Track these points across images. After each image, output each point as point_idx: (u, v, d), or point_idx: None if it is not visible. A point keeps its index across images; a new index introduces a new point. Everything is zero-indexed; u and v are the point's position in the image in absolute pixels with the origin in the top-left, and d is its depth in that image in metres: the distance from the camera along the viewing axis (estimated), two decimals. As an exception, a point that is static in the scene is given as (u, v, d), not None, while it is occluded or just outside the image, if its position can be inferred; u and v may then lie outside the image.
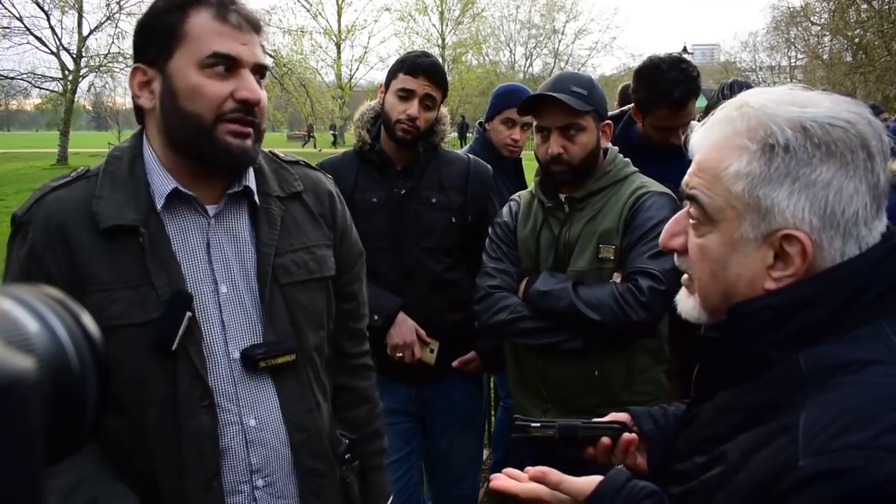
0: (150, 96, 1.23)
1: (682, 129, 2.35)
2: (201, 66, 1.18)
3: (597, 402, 1.91)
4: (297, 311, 1.31)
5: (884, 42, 29.75)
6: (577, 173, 1.92)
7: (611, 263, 1.88)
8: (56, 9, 27.55)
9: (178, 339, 1.18)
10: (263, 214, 1.30)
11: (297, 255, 1.32)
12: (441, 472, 2.52)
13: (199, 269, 1.25)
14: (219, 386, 1.24)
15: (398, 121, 2.17)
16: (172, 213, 1.25)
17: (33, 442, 0.38)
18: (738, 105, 0.86)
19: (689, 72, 2.35)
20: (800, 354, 0.79)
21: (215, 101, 1.19)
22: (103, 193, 1.21)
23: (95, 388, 0.47)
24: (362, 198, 2.24)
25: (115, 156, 1.27)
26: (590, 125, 1.90)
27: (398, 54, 4.20)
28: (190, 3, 1.19)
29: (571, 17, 45.47)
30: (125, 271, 1.18)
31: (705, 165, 0.87)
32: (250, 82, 1.21)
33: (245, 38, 1.21)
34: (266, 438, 1.28)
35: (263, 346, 1.26)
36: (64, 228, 1.19)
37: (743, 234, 0.83)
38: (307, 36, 35.38)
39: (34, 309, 0.45)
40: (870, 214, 0.80)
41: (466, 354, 2.33)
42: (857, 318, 0.79)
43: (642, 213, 1.87)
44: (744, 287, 0.85)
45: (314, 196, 1.41)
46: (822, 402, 0.74)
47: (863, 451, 0.68)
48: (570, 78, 1.95)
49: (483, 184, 2.35)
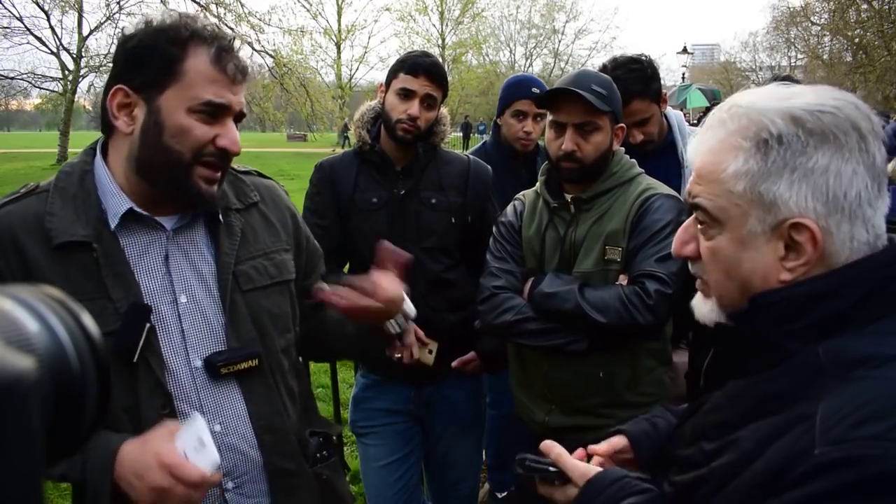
0: (128, 121, 1.23)
1: (636, 126, 2.35)
2: (191, 109, 1.21)
3: (600, 403, 1.91)
4: (262, 315, 1.34)
5: (884, 42, 29.74)
6: (587, 173, 1.91)
7: (617, 265, 1.87)
8: (56, 9, 27.54)
9: (139, 350, 1.20)
10: (223, 227, 1.33)
11: (257, 261, 1.36)
12: (441, 473, 2.52)
13: (157, 280, 1.27)
14: (181, 394, 1.27)
15: (399, 121, 2.17)
16: (127, 229, 1.27)
17: (33, 442, 0.38)
18: (728, 107, 0.88)
19: (635, 71, 2.32)
20: (818, 346, 0.80)
21: (198, 143, 1.22)
22: (54, 210, 1.23)
23: (95, 388, 0.47)
24: (362, 198, 2.23)
25: (66, 171, 1.29)
26: (605, 126, 1.89)
27: (398, 54, 4.20)
28: (190, 39, 1.20)
29: (571, 17, 45.47)
30: (80, 285, 1.18)
31: (704, 171, 0.88)
32: (233, 132, 1.26)
33: (236, 89, 1.25)
34: (233, 442, 1.30)
35: (225, 353, 1.28)
36: (16, 240, 1.20)
37: (751, 229, 0.85)
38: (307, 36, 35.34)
39: (34, 309, 0.45)
40: (872, 195, 0.81)
41: (466, 355, 2.33)
42: (877, 311, 0.80)
43: (649, 216, 1.86)
44: (759, 281, 0.86)
45: (271, 202, 1.45)
46: (841, 393, 0.75)
47: (881, 442, 0.69)
48: (591, 76, 1.94)
49: (483, 184, 2.34)
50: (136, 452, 1.14)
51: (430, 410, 2.38)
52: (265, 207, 1.43)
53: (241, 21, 26.50)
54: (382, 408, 2.37)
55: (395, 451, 2.37)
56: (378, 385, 2.37)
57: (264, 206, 1.43)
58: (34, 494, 0.38)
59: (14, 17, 26.94)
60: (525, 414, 2.06)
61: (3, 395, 0.36)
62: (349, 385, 3.31)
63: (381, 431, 2.37)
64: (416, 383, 2.32)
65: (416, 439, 2.42)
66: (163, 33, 1.21)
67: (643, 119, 2.36)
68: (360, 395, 2.42)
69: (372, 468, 2.38)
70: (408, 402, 2.36)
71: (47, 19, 27.49)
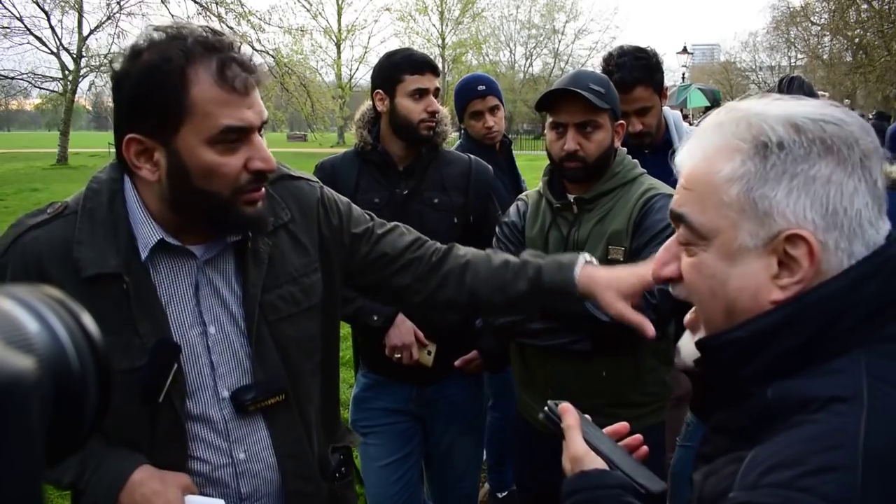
0: (152, 168, 1.15)
1: (636, 116, 2.35)
2: (212, 141, 1.12)
3: (603, 402, 1.91)
4: (288, 344, 1.31)
5: (884, 42, 29.77)
6: (591, 171, 1.91)
7: (620, 265, 1.87)
8: (56, 9, 27.62)
9: (165, 390, 1.18)
10: (250, 255, 1.27)
11: (284, 289, 1.31)
12: (441, 472, 2.52)
13: (188, 312, 1.24)
14: (209, 424, 1.26)
15: (422, 120, 2.19)
16: (157, 260, 1.22)
17: (33, 442, 0.38)
18: (726, 111, 0.83)
19: (640, 59, 2.34)
20: (769, 388, 0.76)
21: (231, 177, 1.15)
22: (83, 238, 1.17)
23: (95, 388, 0.47)
24: (364, 198, 2.23)
25: (94, 189, 1.22)
26: (606, 123, 1.89)
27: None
28: (187, 63, 1.09)
29: (571, 17, 45.64)
30: (108, 317, 1.13)
31: (695, 176, 0.83)
32: (262, 150, 1.17)
33: (250, 101, 1.14)
34: (255, 469, 1.30)
35: (253, 390, 1.26)
36: (43, 271, 1.16)
37: (741, 243, 0.78)
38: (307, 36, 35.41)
39: (34, 309, 0.45)
40: (873, 215, 0.76)
41: (468, 354, 2.33)
42: (833, 347, 0.74)
43: (652, 216, 1.86)
44: (747, 301, 0.79)
45: (300, 217, 1.36)
46: (776, 440, 0.72)
47: (782, 491, 0.67)
48: (588, 76, 1.94)
49: (484, 184, 2.35)
50: (147, 486, 1.16)
51: (430, 410, 2.38)
52: (295, 226, 1.35)
53: (241, 20, 26.55)
54: (383, 407, 2.37)
55: (396, 451, 2.37)
56: (379, 385, 2.37)
57: (294, 226, 1.35)
58: (34, 494, 0.38)
59: (14, 17, 27.06)
60: (527, 413, 2.06)
61: (3, 395, 0.36)
62: (349, 385, 3.31)
63: (381, 431, 2.37)
64: (417, 383, 2.32)
65: (417, 439, 2.42)
66: (157, 68, 1.09)
67: (645, 107, 2.36)
68: (360, 394, 2.42)
69: (373, 468, 2.38)
70: (408, 402, 2.36)
71: (47, 19, 27.58)
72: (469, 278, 1.47)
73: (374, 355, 2.29)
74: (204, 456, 1.27)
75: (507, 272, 1.46)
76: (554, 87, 1.91)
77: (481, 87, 2.88)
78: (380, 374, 2.35)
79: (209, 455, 1.27)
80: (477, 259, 1.50)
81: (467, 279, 1.47)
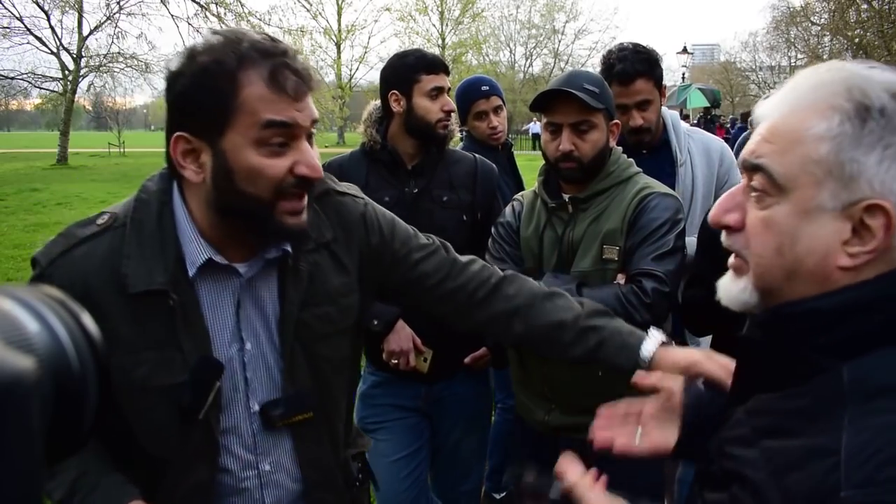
0: (197, 169, 1.15)
1: (637, 110, 2.36)
2: (258, 142, 1.11)
3: (600, 402, 1.91)
4: (320, 363, 1.31)
5: (884, 42, 29.74)
6: (586, 171, 1.91)
7: (614, 264, 1.87)
8: (56, 9, 27.57)
9: (206, 407, 1.19)
10: (290, 273, 1.27)
11: (321, 308, 1.30)
12: (447, 468, 2.52)
13: (228, 329, 1.25)
14: (238, 437, 1.28)
15: (440, 119, 2.23)
16: (203, 277, 1.22)
17: (33, 442, 0.38)
18: (827, 69, 0.80)
19: (640, 53, 2.35)
20: (844, 366, 0.73)
21: (275, 180, 1.14)
22: (131, 252, 1.17)
23: (95, 388, 0.47)
24: (373, 197, 2.21)
25: (143, 199, 1.22)
26: (601, 123, 1.89)
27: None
28: (239, 66, 1.09)
29: (571, 17, 45.56)
30: (152, 333, 1.16)
31: (781, 129, 0.80)
32: (309, 155, 1.15)
33: (301, 105, 1.13)
34: (280, 479, 1.32)
35: (282, 406, 1.27)
36: (88, 287, 1.15)
37: (820, 203, 0.76)
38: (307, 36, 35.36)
39: (34, 309, 0.45)
40: None
41: (478, 351, 2.35)
42: None
43: (647, 215, 1.86)
44: (813, 264, 0.77)
45: (343, 237, 1.34)
46: (865, 428, 0.70)
47: None
48: (582, 76, 1.94)
49: (490, 182, 2.37)
50: None
51: (439, 406, 2.39)
52: (337, 246, 1.33)
53: (240, 21, 26.51)
54: (392, 403, 2.38)
55: (406, 447, 2.37)
56: (387, 382, 2.38)
57: (336, 245, 1.33)
58: (34, 494, 0.38)
59: (14, 17, 27.01)
60: (525, 413, 2.06)
61: (3, 395, 0.36)
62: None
63: (391, 427, 2.37)
64: (425, 380, 2.33)
65: (426, 435, 2.43)
66: (209, 69, 1.09)
67: (645, 100, 2.36)
68: (368, 391, 2.42)
69: (382, 464, 2.36)
70: (417, 399, 2.37)
71: (47, 19, 27.54)
72: (518, 327, 1.43)
73: (381, 354, 2.30)
74: (231, 467, 1.28)
75: (565, 334, 1.42)
76: (548, 88, 1.91)
77: (485, 87, 2.92)
78: (388, 371, 2.35)
79: (236, 467, 1.28)
80: (529, 306, 1.44)
81: (516, 328, 1.43)
